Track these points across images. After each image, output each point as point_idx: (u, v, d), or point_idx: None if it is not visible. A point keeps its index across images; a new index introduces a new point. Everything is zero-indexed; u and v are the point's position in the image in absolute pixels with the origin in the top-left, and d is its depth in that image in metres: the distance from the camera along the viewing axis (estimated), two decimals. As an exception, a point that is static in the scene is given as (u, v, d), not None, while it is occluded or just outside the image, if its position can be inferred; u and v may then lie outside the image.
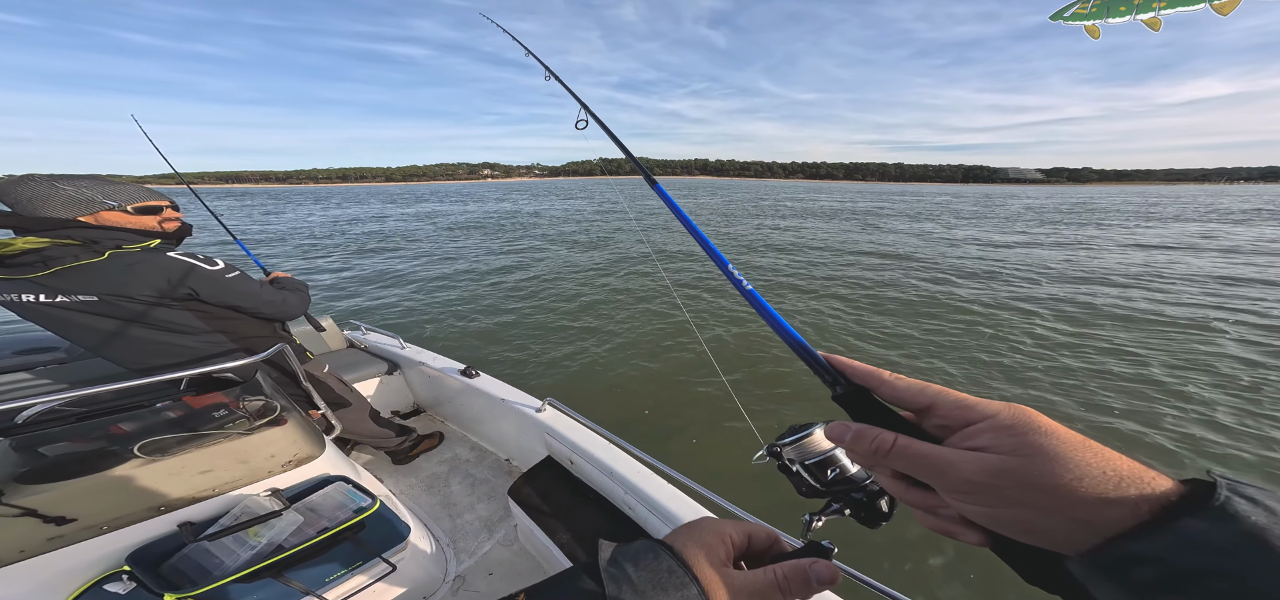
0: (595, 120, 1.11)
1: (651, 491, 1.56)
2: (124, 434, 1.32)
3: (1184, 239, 16.84)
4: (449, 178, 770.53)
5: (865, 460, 0.37)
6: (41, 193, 1.44)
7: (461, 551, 1.92)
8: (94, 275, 1.46)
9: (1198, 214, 30.83)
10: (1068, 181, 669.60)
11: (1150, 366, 5.17)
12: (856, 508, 0.44)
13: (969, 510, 0.31)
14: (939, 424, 0.34)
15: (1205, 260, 12.29)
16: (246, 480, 1.48)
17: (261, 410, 1.63)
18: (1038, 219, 25.71)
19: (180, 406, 1.47)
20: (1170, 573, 0.24)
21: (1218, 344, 5.91)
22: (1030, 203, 47.49)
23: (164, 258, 1.59)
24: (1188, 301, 7.99)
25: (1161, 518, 0.25)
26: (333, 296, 8.84)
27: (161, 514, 1.21)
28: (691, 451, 3.56)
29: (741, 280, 0.55)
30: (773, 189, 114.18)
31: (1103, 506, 0.26)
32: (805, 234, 17.34)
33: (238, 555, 1.24)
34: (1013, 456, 0.29)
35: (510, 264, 11.37)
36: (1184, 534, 0.24)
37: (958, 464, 0.31)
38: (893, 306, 7.53)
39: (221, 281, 1.69)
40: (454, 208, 34.84)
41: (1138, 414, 4.20)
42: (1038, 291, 8.57)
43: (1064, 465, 0.27)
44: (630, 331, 6.20)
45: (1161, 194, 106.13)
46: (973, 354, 5.57)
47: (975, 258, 12.27)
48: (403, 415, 2.89)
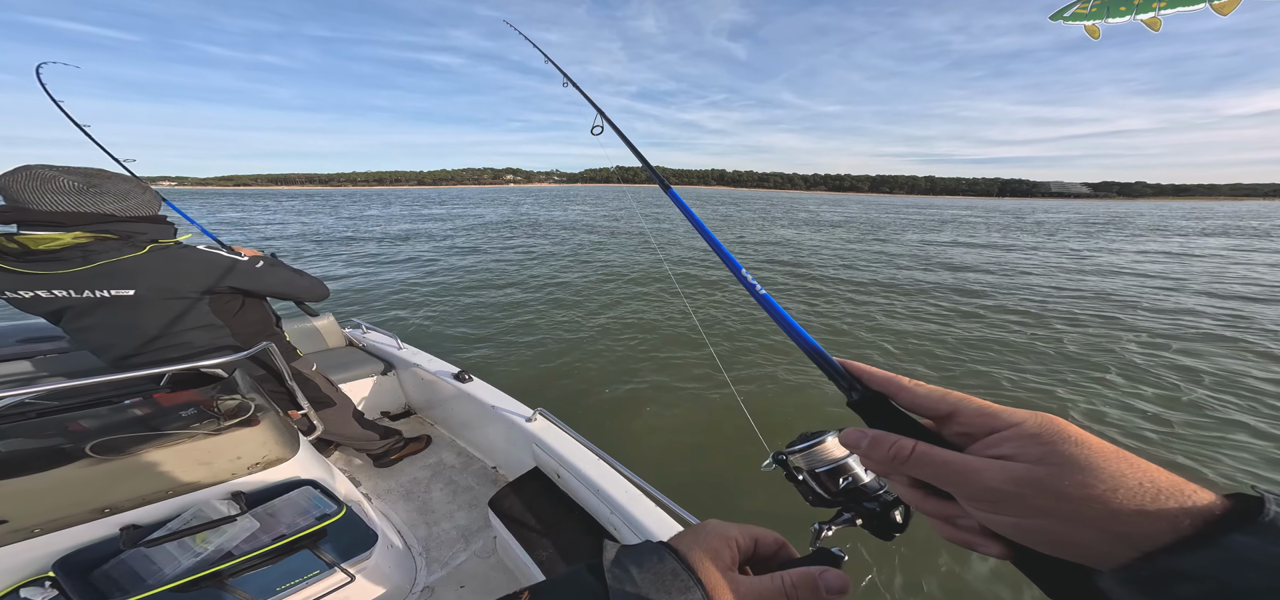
0: (611, 126, 1.11)
1: (639, 514, 1.45)
2: (81, 431, 1.27)
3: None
4: (475, 182, 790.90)
5: (882, 466, 0.35)
6: (45, 176, 1.39)
7: (433, 561, 1.83)
8: (136, 270, 1.44)
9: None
10: (1118, 196, 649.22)
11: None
12: (869, 517, 0.42)
13: (992, 520, 0.30)
14: (960, 432, 0.33)
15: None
16: (207, 482, 1.41)
17: (235, 410, 1.58)
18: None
19: (148, 404, 1.42)
20: (1220, 591, 0.22)
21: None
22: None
23: (201, 251, 1.60)
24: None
25: (1206, 532, 0.24)
26: (355, 292, 8.97)
27: (105, 517, 1.15)
28: (688, 471, 3.40)
29: (755, 285, 0.54)
30: (800, 200, 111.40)
31: (1141, 519, 0.25)
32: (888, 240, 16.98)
33: (179, 562, 1.17)
34: (1041, 465, 0.27)
35: (514, 269, 11.36)
36: (1233, 549, 0.22)
37: (981, 472, 0.29)
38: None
39: (253, 272, 1.70)
40: (482, 212, 35.35)
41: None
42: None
43: (1098, 475, 0.26)
44: (636, 343, 6.05)
45: (1251, 209, 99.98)
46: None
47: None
48: (392, 416, 2.83)
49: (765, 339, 6.02)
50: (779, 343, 5.74)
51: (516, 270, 11.17)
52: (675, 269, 10.97)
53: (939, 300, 8.49)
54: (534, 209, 38.37)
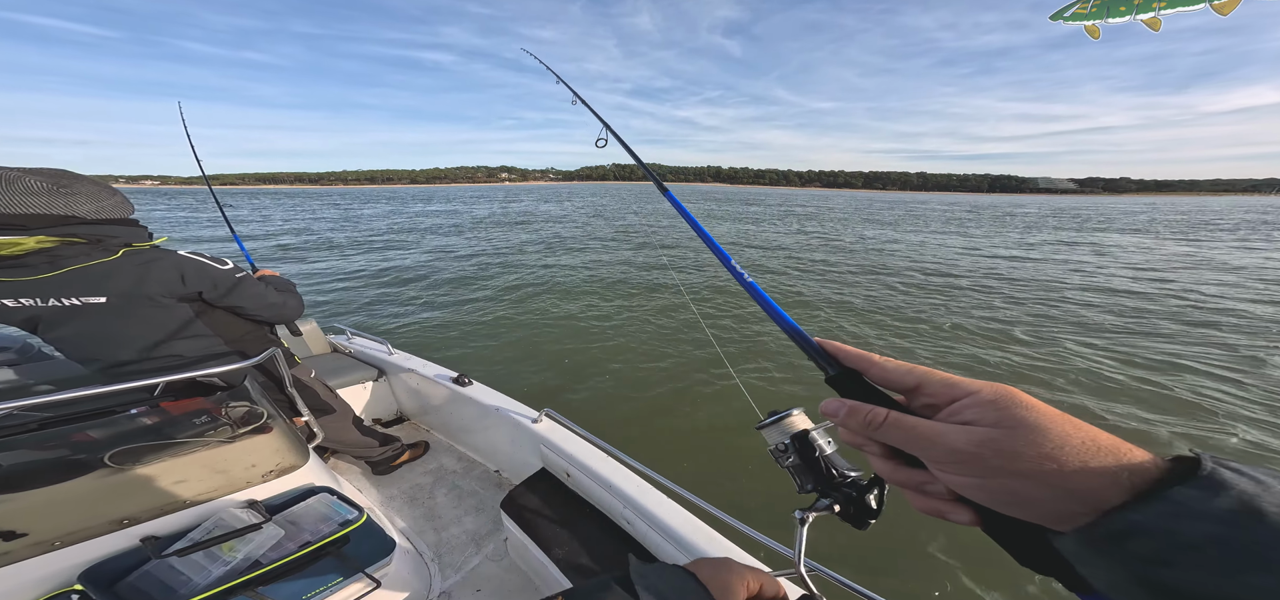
0: (617, 138, 1.14)
1: (652, 507, 1.46)
2: (91, 441, 1.18)
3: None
4: (469, 180, 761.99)
5: (858, 433, 0.37)
6: (9, 176, 1.27)
7: (446, 566, 1.78)
8: (107, 276, 1.32)
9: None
10: (1104, 191, 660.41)
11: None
12: (846, 504, 0.45)
13: (957, 483, 0.31)
14: (927, 402, 0.34)
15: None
16: (224, 491, 1.35)
17: (246, 417, 1.50)
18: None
19: (158, 413, 1.33)
20: (1173, 543, 0.23)
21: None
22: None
23: (178, 256, 1.47)
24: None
25: (1153, 489, 0.25)
26: (339, 298, 8.49)
27: (124, 528, 1.08)
28: (701, 469, 3.42)
29: (742, 273, 0.58)
30: (803, 196, 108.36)
31: (1083, 475, 0.26)
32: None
33: (208, 572, 1.11)
34: (997, 428, 0.29)
35: (514, 272, 10.95)
36: (1180, 502, 0.23)
37: (945, 435, 0.31)
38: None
39: (232, 281, 1.58)
40: (475, 209, 33.80)
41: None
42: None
43: (1045, 435, 0.28)
44: (641, 344, 5.93)
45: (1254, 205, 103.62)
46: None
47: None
48: (385, 424, 2.73)
49: (762, 331, 6.10)
50: (777, 335, 5.85)
51: (514, 269, 10.85)
52: (679, 270, 10.91)
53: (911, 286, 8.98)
54: (531, 205, 37.02)
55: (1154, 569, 0.23)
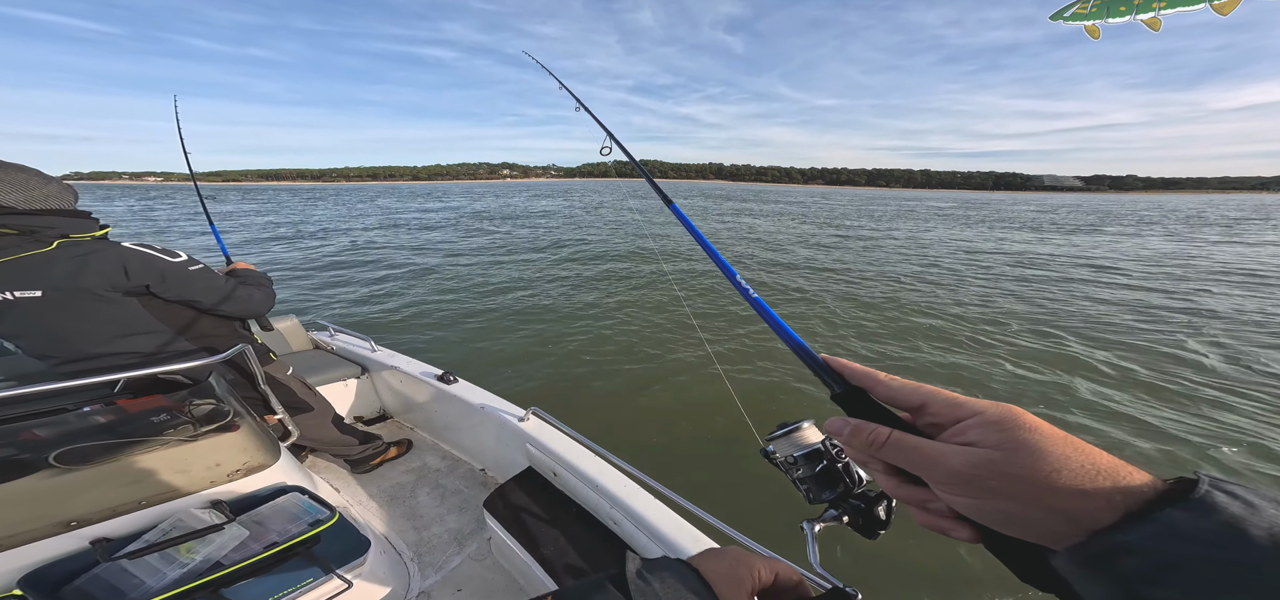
0: (621, 149, 1.17)
1: (640, 508, 1.41)
2: (37, 440, 1.10)
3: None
4: (470, 177, 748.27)
5: (862, 453, 0.37)
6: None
7: (427, 566, 1.72)
8: (40, 268, 1.23)
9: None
10: (1110, 189, 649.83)
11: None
12: (855, 515, 0.43)
13: (958, 502, 0.31)
14: (931, 422, 0.34)
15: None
16: (185, 491, 1.27)
17: (210, 415, 1.43)
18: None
19: (112, 411, 1.26)
20: (1160, 562, 0.23)
21: None
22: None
23: (119, 247, 1.37)
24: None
25: (1145, 510, 0.25)
26: (324, 293, 8.27)
27: (72, 530, 1.00)
28: (690, 470, 3.36)
29: (747, 289, 0.56)
30: (803, 194, 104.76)
31: (1079, 497, 0.26)
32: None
33: (163, 575, 1.04)
34: (998, 450, 0.29)
35: (512, 272, 10.66)
36: (1169, 524, 0.24)
37: (946, 456, 0.31)
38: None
39: (183, 275, 1.48)
40: (476, 206, 32.89)
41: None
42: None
43: (1044, 458, 0.27)
44: (634, 344, 5.84)
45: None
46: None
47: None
48: (367, 421, 2.65)
49: (756, 331, 6.05)
50: (769, 336, 5.83)
51: (506, 266, 10.69)
52: (670, 262, 10.88)
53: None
54: (530, 202, 36.55)
55: (1144, 588, 0.24)
